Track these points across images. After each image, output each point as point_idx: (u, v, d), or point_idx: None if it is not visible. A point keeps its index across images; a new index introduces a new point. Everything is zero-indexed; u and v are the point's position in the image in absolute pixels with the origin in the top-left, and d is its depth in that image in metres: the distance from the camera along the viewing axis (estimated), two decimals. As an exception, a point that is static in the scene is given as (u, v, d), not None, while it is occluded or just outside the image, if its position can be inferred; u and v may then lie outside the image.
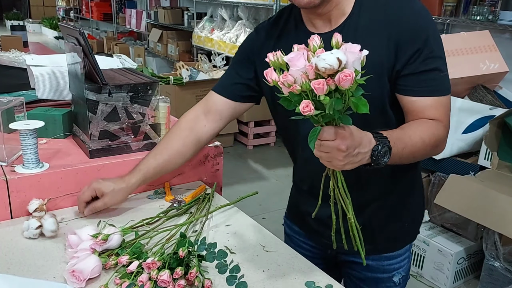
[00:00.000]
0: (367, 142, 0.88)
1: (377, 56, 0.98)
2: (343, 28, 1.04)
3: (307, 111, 0.78)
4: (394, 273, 1.22)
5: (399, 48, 1.00)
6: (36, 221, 1.09)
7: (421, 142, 0.98)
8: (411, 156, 0.99)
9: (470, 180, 2.31)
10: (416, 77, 1.01)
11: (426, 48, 1.00)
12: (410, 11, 1.01)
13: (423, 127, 1.01)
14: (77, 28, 1.21)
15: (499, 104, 2.58)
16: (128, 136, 1.32)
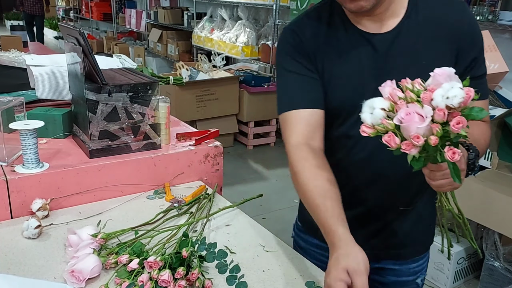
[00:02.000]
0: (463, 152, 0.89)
1: (440, 60, 0.98)
2: (400, 31, 1.01)
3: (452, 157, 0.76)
4: (418, 275, 1.23)
5: (460, 53, 1.02)
6: (35, 221, 1.09)
7: (484, 144, 1.03)
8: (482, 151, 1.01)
9: (470, 180, 2.31)
10: (475, 81, 0.98)
11: (481, 56, 1.04)
12: (468, 16, 1.03)
13: (481, 129, 1.04)
14: (77, 28, 1.21)
15: (499, 104, 2.58)
16: (128, 136, 1.32)
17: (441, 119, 0.75)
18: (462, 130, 0.74)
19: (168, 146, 1.43)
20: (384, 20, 1.02)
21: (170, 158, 1.37)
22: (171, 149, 1.40)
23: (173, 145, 1.43)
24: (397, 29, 1.01)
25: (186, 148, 1.41)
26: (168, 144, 1.44)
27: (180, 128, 1.60)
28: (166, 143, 1.42)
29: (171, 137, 1.46)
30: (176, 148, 1.41)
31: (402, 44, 1.01)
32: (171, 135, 1.46)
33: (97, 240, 1.01)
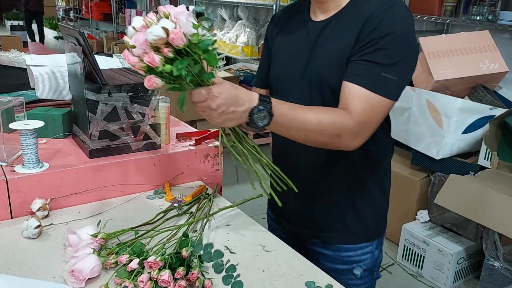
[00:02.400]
0: (246, 100, 0.93)
1: (343, 46, 1.05)
2: (333, 19, 1.10)
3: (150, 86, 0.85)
4: (354, 266, 1.24)
5: (359, 37, 1.03)
6: (35, 221, 1.09)
7: (316, 123, 0.98)
8: (303, 133, 1.00)
9: (470, 180, 2.31)
10: (357, 64, 1.03)
11: (378, 44, 1.00)
12: (385, 10, 1.02)
13: (327, 111, 1.01)
14: (77, 28, 1.21)
15: (499, 104, 2.58)
16: (128, 136, 1.32)
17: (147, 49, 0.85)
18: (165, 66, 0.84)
19: (168, 146, 1.42)
20: (329, 10, 1.11)
21: (170, 158, 1.37)
22: (171, 149, 1.40)
23: (173, 145, 1.43)
24: (330, 19, 1.11)
25: (186, 148, 1.41)
26: (168, 144, 1.44)
27: (180, 128, 1.60)
28: (166, 143, 1.42)
29: (171, 137, 1.46)
30: (176, 148, 1.41)
31: (327, 32, 1.10)
32: (171, 135, 1.46)
33: (97, 240, 1.01)
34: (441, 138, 2.51)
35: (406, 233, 2.67)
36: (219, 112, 0.91)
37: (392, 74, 1.01)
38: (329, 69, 1.07)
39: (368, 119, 1.01)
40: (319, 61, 1.10)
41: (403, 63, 1.02)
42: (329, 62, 1.08)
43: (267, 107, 0.94)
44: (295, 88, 1.15)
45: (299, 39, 1.16)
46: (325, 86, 1.09)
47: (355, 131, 1.00)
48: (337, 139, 1.01)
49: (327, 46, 1.09)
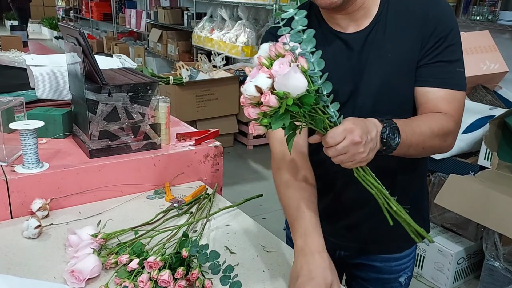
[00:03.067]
0: (372, 126, 0.86)
1: (405, 52, 1.01)
2: (373, 27, 1.04)
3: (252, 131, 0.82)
4: (401, 274, 1.22)
5: (423, 40, 1.01)
6: (35, 221, 1.09)
7: (430, 131, 0.96)
8: (421, 145, 0.96)
9: (470, 180, 2.31)
10: (433, 67, 1.01)
11: (446, 41, 1.00)
12: (436, 6, 1.02)
13: (432, 118, 1.00)
14: (77, 28, 1.21)
15: (499, 104, 2.58)
16: (128, 136, 1.32)
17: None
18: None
19: (168, 146, 1.42)
20: (359, 19, 1.05)
21: (170, 158, 1.37)
22: (171, 149, 1.40)
23: (173, 145, 1.43)
24: (369, 28, 1.04)
25: (186, 148, 1.41)
26: (168, 144, 1.44)
27: (180, 128, 1.60)
28: (166, 143, 1.42)
29: (171, 137, 1.46)
30: (176, 148, 1.41)
31: (373, 41, 1.04)
32: (171, 135, 1.46)
33: (97, 240, 1.01)
34: (441, 138, 2.50)
35: (406, 233, 2.67)
36: (363, 144, 0.81)
37: (462, 67, 1.03)
38: (396, 76, 1.03)
39: (459, 116, 1.04)
40: (379, 72, 1.03)
41: (461, 54, 1.04)
42: (393, 69, 1.02)
43: (391, 124, 0.89)
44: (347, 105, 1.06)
45: (337, 54, 1.06)
46: (395, 95, 1.04)
47: (455, 132, 1.03)
48: (444, 143, 1.02)
49: (386, 54, 1.02)
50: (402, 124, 0.91)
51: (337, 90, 1.02)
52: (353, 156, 0.82)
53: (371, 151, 0.84)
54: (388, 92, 1.04)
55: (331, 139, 0.81)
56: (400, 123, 0.91)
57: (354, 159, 0.83)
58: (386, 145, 0.87)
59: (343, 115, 0.86)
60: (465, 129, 2.49)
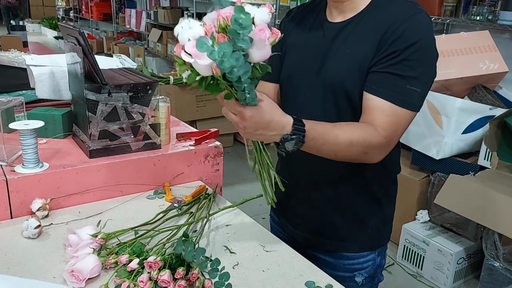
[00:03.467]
0: (277, 127, 0.91)
1: (362, 52, 1.03)
2: (350, 22, 1.08)
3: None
4: (355, 273, 1.23)
5: (381, 46, 1.01)
6: (35, 221, 1.09)
7: (347, 143, 0.98)
8: (333, 153, 1.00)
9: (470, 180, 2.31)
10: (381, 76, 1.01)
11: (403, 54, 0.99)
12: (407, 19, 1.00)
13: (357, 129, 1.00)
14: (76, 28, 1.21)
15: (499, 104, 2.58)
16: (128, 136, 1.32)
17: None
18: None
19: (168, 146, 1.42)
20: (346, 12, 1.09)
21: (170, 158, 1.37)
22: (171, 149, 1.40)
23: (173, 145, 1.43)
24: (348, 21, 1.08)
25: (186, 148, 1.41)
26: (168, 144, 1.44)
27: (180, 128, 1.60)
28: (166, 143, 1.42)
29: (171, 137, 1.46)
30: (176, 148, 1.41)
31: (344, 35, 1.08)
32: (171, 135, 1.46)
33: (97, 240, 1.01)
34: (441, 138, 2.51)
35: (406, 233, 2.67)
36: (244, 132, 0.92)
37: (416, 86, 1.00)
38: (347, 73, 1.05)
39: (394, 133, 1.02)
40: (335, 64, 1.08)
41: (427, 73, 1.02)
42: (347, 66, 1.06)
43: (300, 136, 0.93)
44: (308, 89, 1.14)
45: (314, 39, 1.14)
46: (340, 90, 1.07)
47: (382, 146, 1.01)
48: (365, 156, 1.02)
49: (345, 49, 1.07)
50: (318, 133, 0.95)
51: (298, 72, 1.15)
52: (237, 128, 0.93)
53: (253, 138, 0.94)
54: (336, 85, 1.07)
55: (228, 105, 0.91)
56: (315, 132, 0.95)
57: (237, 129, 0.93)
58: (282, 147, 0.94)
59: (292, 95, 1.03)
60: (465, 129, 2.50)
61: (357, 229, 1.21)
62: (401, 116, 1.01)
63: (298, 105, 1.16)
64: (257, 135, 0.92)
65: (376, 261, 1.25)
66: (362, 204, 1.19)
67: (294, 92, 1.17)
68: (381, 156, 1.04)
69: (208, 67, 0.80)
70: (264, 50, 0.82)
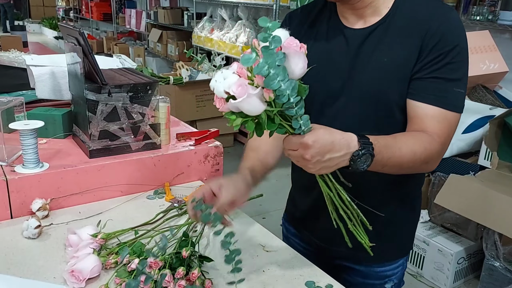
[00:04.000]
0: (343, 145, 0.85)
1: (402, 59, 0.98)
2: (376, 28, 1.02)
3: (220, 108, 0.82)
4: (386, 280, 1.21)
5: (422, 52, 0.98)
6: (35, 221, 1.09)
7: (411, 155, 0.95)
8: (398, 167, 0.95)
9: (470, 180, 2.31)
10: (427, 82, 0.98)
11: (448, 57, 0.97)
12: (444, 19, 0.98)
13: (416, 139, 0.97)
14: (76, 28, 1.21)
15: (499, 104, 2.58)
16: (128, 136, 1.32)
17: None
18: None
19: (168, 146, 1.42)
20: (366, 17, 1.04)
21: (170, 158, 1.37)
22: (171, 149, 1.40)
23: (173, 145, 1.43)
24: (373, 27, 1.03)
25: (186, 148, 1.41)
26: (168, 144, 1.44)
27: (180, 128, 1.60)
28: (166, 143, 1.42)
29: (171, 137, 1.46)
30: (176, 148, 1.41)
31: (373, 42, 1.02)
32: (171, 135, 1.46)
33: (97, 240, 1.01)
34: (441, 138, 2.51)
35: (406, 233, 2.67)
36: (313, 162, 0.83)
37: (461, 87, 0.99)
38: (388, 83, 1.00)
39: (448, 138, 1.00)
40: (371, 74, 1.01)
41: (467, 73, 1.00)
42: (386, 75, 1.00)
43: (369, 149, 0.87)
44: (336, 102, 1.07)
45: (336, 48, 1.06)
46: (383, 101, 1.02)
47: (440, 153, 0.99)
48: (426, 165, 0.99)
49: (380, 58, 1.01)
50: (382, 146, 0.90)
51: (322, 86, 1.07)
52: (303, 165, 0.86)
53: (323, 168, 0.85)
54: (374, 98, 1.02)
55: (286, 143, 0.85)
56: (380, 145, 0.89)
57: (305, 167, 0.86)
58: (353, 167, 0.87)
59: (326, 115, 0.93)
60: (465, 129, 2.50)
61: (387, 240, 1.16)
62: (452, 120, 0.99)
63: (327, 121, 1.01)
64: (327, 161, 0.84)
65: (405, 265, 1.24)
66: (399, 213, 1.16)
67: (320, 107, 1.09)
68: (436, 164, 1.02)
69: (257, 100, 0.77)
70: (301, 61, 0.80)
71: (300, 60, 0.80)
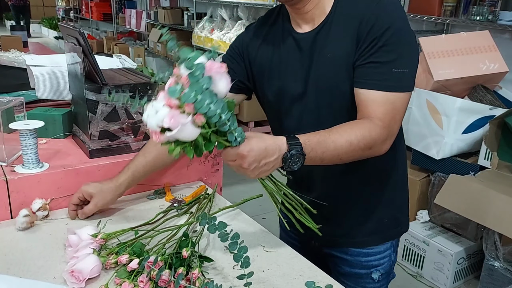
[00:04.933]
0: (275, 149, 0.92)
1: (343, 51, 1.03)
2: (322, 27, 1.07)
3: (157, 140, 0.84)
4: (372, 270, 1.23)
5: (359, 40, 1.01)
6: (25, 210, 1.09)
7: (347, 145, 0.98)
8: (337, 158, 0.99)
9: (470, 180, 2.31)
10: (366, 68, 1.01)
11: (381, 40, 0.99)
12: (376, 6, 1.01)
13: (353, 129, 0.99)
14: (77, 28, 1.21)
15: (499, 104, 2.58)
16: (128, 136, 1.32)
17: None
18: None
19: (168, 146, 1.42)
20: (315, 19, 1.08)
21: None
22: (171, 149, 1.40)
23: (173, 145, 1.43)
24: (319, 27, 1.07)
25: (186, 148, 1.41)
26: (168, 144, 1.43)
27: (180, 128, 1.60)
28: (166, 143, 1.42)
29: (171, 137, 1.45)
30: (176, 148, 1.41)
31: (320, 40, 1.07)
32: (171, 135, 1.46)
33: (97, 240, 1.01)
34: (441, 138, 2.51)
35: (406, 233, 2.67)
36: (251, 169, 0.91)
37: (402, 67, 1.00)
38: (336, 75, 1.05)
39: (392, 119, 1.01)
40: (323, 70, 1.07)
41: (409, 51, 1.01)
42: (334, 68, 1.05)
43: (298, 149, 0.93)
44: (300, 101, 1.12)
45: (289, 52, 1.12)
46: (336, 93, 1.06)
47: (384, 137, 1.01)
48: (369, 151, 1.02)
49: (326, 54, 1.06)
50: (314, 143, 0.95)
51: (286, 88, 1.13)
52: (244, 174, 0.93)
53: (261, 173, 0.93)
54: (329, 92, 1.07)
55: (224, 156, 0.91)
56: (311, 142, 0.94)
57: (245, 174, 0.93)
58: (286, 167, 0.93)
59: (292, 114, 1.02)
60: (465, 129, 2.49)
61: (372, 221, 1.20)
62: (396, 101, 1.00)
63: (292, 121, 1.15)
64: (263, 166, 0.92)
65: (392, 257, 1.25)
66: (374, 194, 1.19)
67: (285, 108, 1.16)
68: (386, 146, 1.03)
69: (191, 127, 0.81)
70: (225, 80, 0.83)
71: (224, 80, 0.83)
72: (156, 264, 0.91)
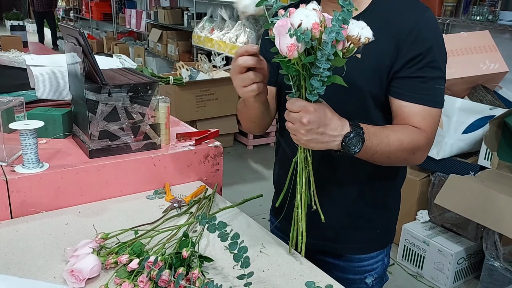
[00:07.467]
0: (338, 126, 0.90)
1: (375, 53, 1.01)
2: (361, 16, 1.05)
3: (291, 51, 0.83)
4: (366, 275, 1.23)
5: (400, 49, 1.01)
6: None
7: (398, 144, 0.99)
8: (386, 155, 0.99)
9: (470, 180, 2.31)
10: (412, 81, 1.02)
11: (428, 56, 1.00)
12: (419, 18, 1.01)
13: (404, 130, 1.01)
14: (77, 28, 1.21)
15: (499, 104, 2.58)
16: (128, 136, 1.32)
17: None
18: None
19: (168, 146, 1.42)
20: None
21: (170, 158, 1.37)
22: (171, 149, 1.40)
23: (173, 145, 1.43)
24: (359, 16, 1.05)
25: (186, 148, 1.41)
26: (168, 144, 1.44)
27: (180, 128, 1.60)
28: (166, 143, 1.42)
29: (171, 137, 1.46)
30: (176, 148, 1.41)
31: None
32: (171, 135, 1.46)
33: (97, 240, 1.01)
34: (441, 138, 2.51)
35: (406, 233, 2.67)
36: (307, 129, 0.87)
37: (442, 83, 1.04)
38: (360, 74, 1.04)
39: (433, 132, 1.05)
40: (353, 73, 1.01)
41: (444, 68, 1.05)
42: (367, 74, 1.04)
43: (360, 132, 0.92)
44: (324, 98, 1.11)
45: None
46: (355, 93, 1.05)
47: (427, 146, 1.05)
48: (413, 156, 1.03)
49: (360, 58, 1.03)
50: (371, 133, 0.95)
51: None
52: (295, 131, 0.89)
53: (314, 141, 0.89)
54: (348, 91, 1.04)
55: (290, 104, 0.89)
56: (369, 131, 0.94)
57: (295, 134, 0.90)
58: (345, 149, 0.92)
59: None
60: (465, 129, 2.50)
61: (365, 229, 1.20)
62: (436, 116, 1.05)
63: None
64: (319, 135, 0.89)
65: (385, 261, 1.25)
66: (371, 207, 1.18)
67: None
68: (424, 157, 1.06)
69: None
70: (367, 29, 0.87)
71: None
72: (156, 264, 0.91)
